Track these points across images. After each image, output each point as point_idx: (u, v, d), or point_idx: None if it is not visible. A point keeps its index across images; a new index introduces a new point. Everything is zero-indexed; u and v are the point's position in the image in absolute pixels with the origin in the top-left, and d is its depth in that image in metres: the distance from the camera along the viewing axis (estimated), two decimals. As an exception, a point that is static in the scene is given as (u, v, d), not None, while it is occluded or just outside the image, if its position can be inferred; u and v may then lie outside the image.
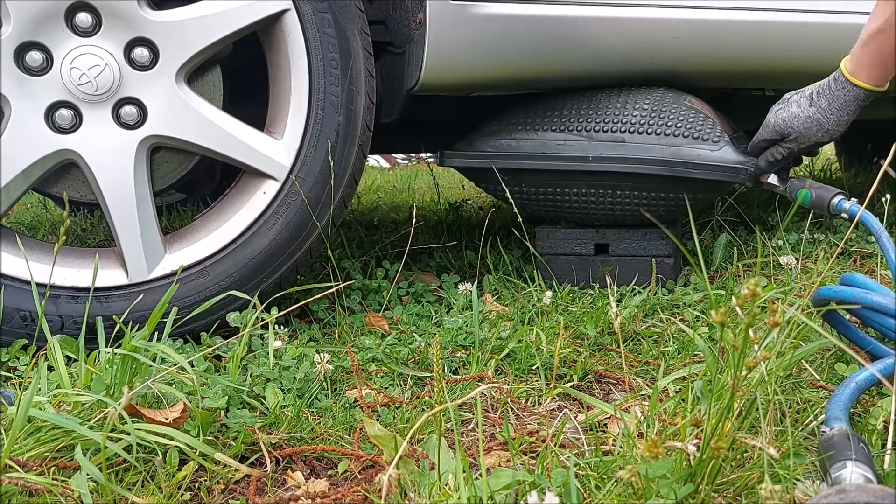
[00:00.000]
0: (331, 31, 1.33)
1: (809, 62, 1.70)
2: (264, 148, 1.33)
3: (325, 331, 1.41)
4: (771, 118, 1.43)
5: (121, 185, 1.27)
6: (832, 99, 1.33)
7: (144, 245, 1.29)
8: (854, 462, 0.74)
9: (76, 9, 1.22)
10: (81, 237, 2.16)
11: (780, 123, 1.41)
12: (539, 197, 1.66)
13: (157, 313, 1.04)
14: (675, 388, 1.08)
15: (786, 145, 1.43)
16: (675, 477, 0.73)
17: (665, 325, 1.36)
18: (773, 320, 0.66)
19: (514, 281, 1.65)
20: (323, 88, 1.34)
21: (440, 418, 0.84)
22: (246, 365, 1.15)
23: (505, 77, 1.56)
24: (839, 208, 1.34)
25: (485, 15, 1.45)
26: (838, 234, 1.92)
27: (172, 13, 1.26)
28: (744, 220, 2.03)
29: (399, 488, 0.81)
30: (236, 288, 1.29)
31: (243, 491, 0.87)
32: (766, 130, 1.44)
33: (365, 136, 1.39)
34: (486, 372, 1.17)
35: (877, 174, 0.96)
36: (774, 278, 1.62)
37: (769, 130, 1.44)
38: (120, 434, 0.87)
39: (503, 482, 0.76)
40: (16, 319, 1.24)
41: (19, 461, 0.80)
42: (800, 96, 1.39)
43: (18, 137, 1.22)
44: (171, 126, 1.28)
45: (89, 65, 1.23)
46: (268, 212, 1.34)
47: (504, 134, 1.66)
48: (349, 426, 1.02)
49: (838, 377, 1.11)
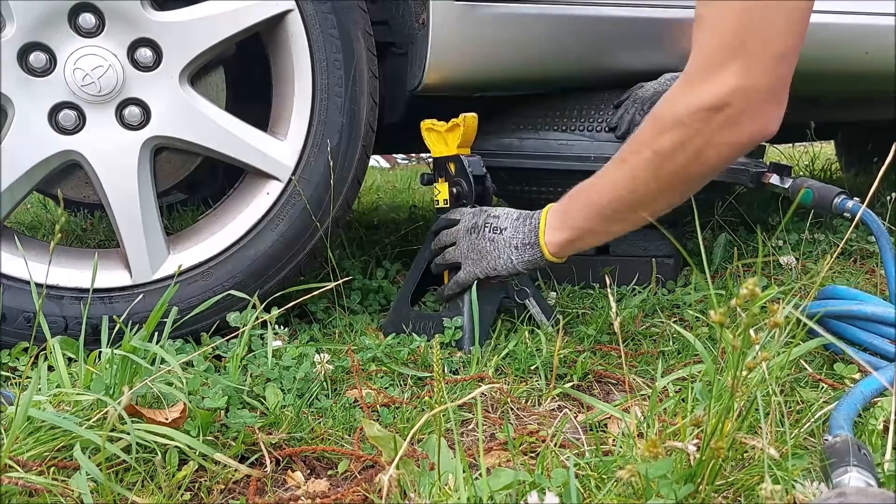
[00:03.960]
0: (334, 32, 1.33)
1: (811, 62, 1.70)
2: (267, 148, 1.33)
3: (325, 331, 1.41)
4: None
5: (124, 185, 1.27)
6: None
7: (148, 246, 1.29)
8: (855, 468, 0.75)
9: (79, 10, 1.22)
10: (82, 237, 2.16)
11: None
12: (541, 196, 1.66)
13: (156, 314, 1.05)
14: (674, 388, 1.08)
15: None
16: (675, 477, 0.74)
17: (665, 325, 1.36)
18: (774, 321, 0.66)
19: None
20: (326, 89, 1.34)
21: (440, 418, 0.85)
22: (246, 365, 1.16)
23: (508, 77, 1.56)
24: (841, 208, 1.34)
25: (488, 15, 1.45)
26: (838, 234, 1.92)
27: (176, 14, 1.27)
28: (744, 220, 2.03)
29: (399, 488, 0.81)
30: (240, 289, 1.29)
31: (243, 491, 0.87)
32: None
33: (368, 137, 1.39)
34: (486, 372, 1.17)
35: (877, 174, 0.96)
36: (774, 278, 1.62)
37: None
38: (120, 434, 0.87)
39: (503, 482, 0.76)
40: (20, 320, 1.25)
41: (19, 461, 0.81)
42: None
43: (22, 138, 1.23)
44: (174, 127, 1.28)
45: (93, 66, 1.23)
46: (271, 213, 1.34)
47: (506, 133, 1.66)
48: (349, 426, 1.02)
49: (837, 376, 1.11)
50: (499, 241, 1.22)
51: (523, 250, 1.20)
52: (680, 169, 1.02)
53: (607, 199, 1.10)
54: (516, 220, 1.22)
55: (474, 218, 1.29)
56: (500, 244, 1.22)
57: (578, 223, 1.15)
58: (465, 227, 1.29)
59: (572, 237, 1.16)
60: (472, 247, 1.26)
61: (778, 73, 0.97)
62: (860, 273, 1.68)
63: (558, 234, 1.16)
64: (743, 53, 0.95)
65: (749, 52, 0.95)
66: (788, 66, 0.98)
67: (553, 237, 1.17)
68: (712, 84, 0.96)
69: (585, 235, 1.16)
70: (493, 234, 1.24)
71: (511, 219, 1.23)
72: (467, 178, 1.35)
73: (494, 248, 1.23)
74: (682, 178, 1.04)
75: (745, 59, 0.95)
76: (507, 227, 1.23)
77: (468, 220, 1.29)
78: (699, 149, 1.00)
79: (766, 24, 0.94)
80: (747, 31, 0.95)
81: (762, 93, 0.96)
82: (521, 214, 1.23)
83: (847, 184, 2.87)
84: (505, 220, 1.24)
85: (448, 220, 1.35)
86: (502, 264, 1.23)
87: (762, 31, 0.95)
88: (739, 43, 0.95)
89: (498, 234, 1.23)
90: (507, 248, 1.22)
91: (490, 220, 1.25)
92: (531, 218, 1.21)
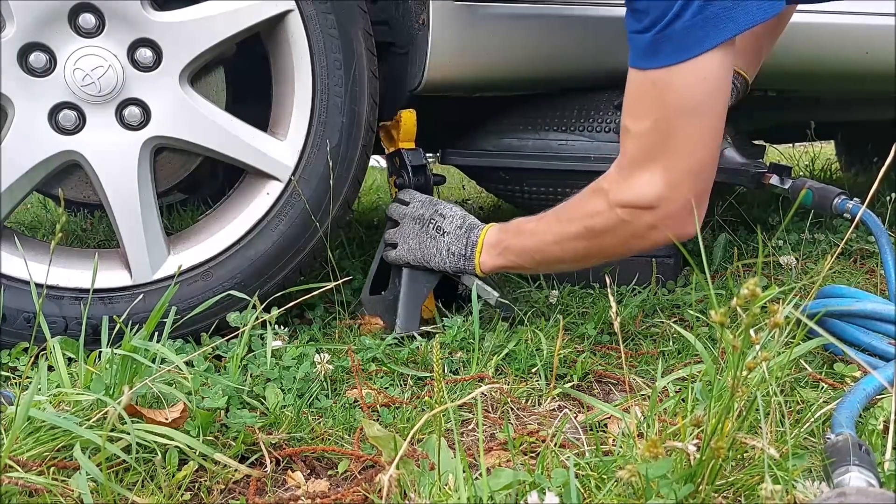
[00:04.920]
0: (334, 32, 1.33)
1: (811, 62, 1.70)
2: (268, 149, 1.33)
3: (325, 331, 1.41)
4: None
5: (124, 186, 1.27)
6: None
7: (148, 246, 1.29)
8: (857, 467, 0.75)
9: (79, 10, 1.22)
10: (81, 237, 2.16)
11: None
12: (541, 196, 1.66)
13: (156, 314, 1.05)
14: (674, 388, 1.08)
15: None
16: (675, 477, 0.74)
17: (665, 325, 1.36)
18: (774, 321, 0.66)
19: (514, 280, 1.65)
20: (326, 89, 1.34)
21: (440, 418, 0.85)
22: (246, 365, 1.16)
23: (508, 77, 1.56)
24: (841, 208, 1.34)
25: (488, 15, 1.45)
26: (838, 234, 1.92)
27: (176, 14, 1.26)
28: (744, 220, 2.03)
29: (399, 488, 0.81)
30: (240, 289, 1.29)
31: (243, 491, 0.87)
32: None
33: (368, 137, 1.39)
34: (486, 372, 1.17)
35: (877, 174, 0.96)
36: (774, 278, 1.62)
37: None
38: (120, 434, 0.87)
39: (503, 482, 0.76)
40: (20, 321, 1.24)
41: (19, 461, 0.81)
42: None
43: (22, 139, 1.23)
44: (174, 127, 1.28)
45: (93, 66, 1.23)
46: (271, 213, 1.34)
47: (506, 133, 1.66)
48: (349, 426, 1.02)
49: (837, 376, 1.11)
50: (439, 242, 1.33)
51: (458, 258, 1.31)
52: (605, 247, 1.16)
53: (541, 249, 1.23)
54: (458, 229, 1.32)
55: (423, 209, 1.37)
56: (439, 244, 1.33)
57: (511, 258, 1.27)
58: (413, 214, 1.38)
59: (504, 265, 1.29)
60: (413, 235, 1.36)
61: (697, 184, 1.08)
62: (860, 273, 1.68)
63: (492, 260, 1.28)
64: (663, 163, 1.06)
65: (668, 164, 1.05)
66: (708, 176, 1.09)
67: (487, 260, 1.29)
68: (642, 183, 1.07)
69: (515, 268, 1.32)
70: (436, 233, 1.33)
71: (454, 226, 1.33)
72: (407, 169, 1.46)
73: (434, 246, 1.33)
74: (605, 253, 1.19)
75: (665, 169, 1.06)
76: (450, 232, 1.32)
77: (417, 208, 1.38)
78: (625, 237, 1.13)
79: (680, 140, 1.04)
80: (664, 145, 1.05)
81: (683, 204, 1.07)
82: (464, 224, 1.33)
83: (847, 184, 2.87)
84: (449, 224, 1.33)
85: (399, 199, 1.44)
86: (436, 262, 1.33)
87: (678, 146, 1.05)
88: (659, 154, 1.06)
89: (440, 235, 1.33)
90: (444, 251, 1.32)
91: (436, 217, 1.35)
92: (472, 232, 1.31)
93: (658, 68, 1.02)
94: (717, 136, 1.07)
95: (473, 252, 1.30)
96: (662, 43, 1.00)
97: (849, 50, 1.69)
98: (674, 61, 1.01)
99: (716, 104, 1.05)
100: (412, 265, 1.37)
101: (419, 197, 1.41)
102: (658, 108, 1.04)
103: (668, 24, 0.99)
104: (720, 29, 0.98)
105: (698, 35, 0.99)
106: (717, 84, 1.04)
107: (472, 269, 1.31)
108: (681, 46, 1.00)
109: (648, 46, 1.02)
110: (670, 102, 1.03)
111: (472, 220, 1.33)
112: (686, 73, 1.01)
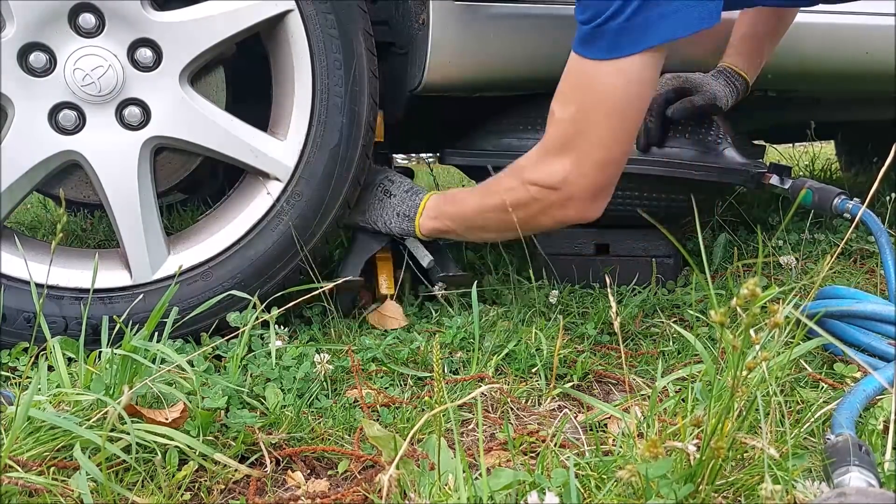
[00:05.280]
0: (334, 32, 1.33)
1: (811, 63, 1.70)
2: (268, 149, 1.33)
3: (324, 331, 1.41)
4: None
5: (124, 186, 1.27)
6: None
7: (148, 246, 1.29)
8: (857, 467, 0.75)
9: (79, 10, 1.22)
10: (81, 237, 2.16)
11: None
12: (540, 197, 1.66)
13: (156, 314, 1.05)
14: (674, 388, 1.08)
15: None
16: (675, 477, 0.74)
17: (665, 325, 1.36)
18: (774, 321, 0.66)
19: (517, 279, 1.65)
20: (326, 89, 1.34)
21: (440, 418, 0.85)
22: (246, 365, 1.16)
23: (508, 77, 1.56)
24: (841, 208, 1.34)
25: (488, 15, 1.45)
26: (838, 233, 1.92)
27: (176, 14, 1.27)
28: (744, 220, 2.03)
29: (399, 488, 0.81)
30: (241, 289, 1.29)
31: (243, 491, 0.87)
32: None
33: (368, 137, 1.39)
34: (486, 372, 1.17)
35: (877, 174, 0.96)
36: (774, 278, 1.62)
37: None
38: (120, 434, 0.87)
39: (503, 482, 0.76)
40: (20, 321, 1.25)
41: (19, 461, 0.81)
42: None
43: (22, 139, 1.23)
44: (174, 127, 1.28)
45: (93, 66, 1.23)
46: (271, 213, 1.34)
47: (506, 133, 1.66)
48: (349, 426, 1.02)
49: (837, 376, 1.11)
50: (385, 203, 1.43)
51: (402, 220, 1.41)
52: (518, 220, 1.25)
53: (467, 216, 1.35)
54: (405, 193, 1.43)
55: (375, 175, 1.49)
56: (385, 206, 1.43)
57: (446, 222, 1.38)
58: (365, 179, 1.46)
59: (439, 228, 1.39)
60: (361, 199, 1.45)
61: (603, 175, 1.18)
62: (860, 273, 1.68)
63: (430, 223, 1.39)
64: (575, 153, 1.16)
65: (579, 154, 1.16)
66: (614, 170, 1.20)
67: (425, 223, 1.39)
68: (553, 167, 1.18)
69: (449, 232, 1.40)
70: (384, 196, 1.44)
71: (401, 190, 1.43)
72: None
73: (381, 208, 1.44)
74: (519, 226, 1.27)
75: (576, 158, 1.16)
76: (396, 194, 1.43)
77: (369, 175, 1.47)
78: (534, 213, 1.24)
79: (594, 133, 1.15)
80: (579, 137, 1.15)
81: (587, 190, 1.18)
82: (410, 189, 1.43)
83: (847, 184, 2.87)
84: (397, 188, 1.44)
85: None
86: (382, 223, 1.44)
87: (591, 138, 1.15)
88: (573, 145, 1.16)
89: (387, 197, 1.43)
90: (391, 212, 1.42)
91: (385, 182, 1.46)
92: (416, 196, 1.42)
93: (590, 59, 1.11)
94: (629, 137, 1.18)
95: (415, 214, 1.40)
96: (598, 38, 1.09)
97: (849, 50, 1.69)
98: (604, 56, 1.09)
99: (633, 107, 1.15)
100: (361, 226, 1.48)
101: (373, 166, 1.50)
102: (581, 99, 1.14)
103: (605, 22, 1.06)
104: (648, 36, 1.07)
105: (630, 37, 1.07)
106: (639, 88, 1.13)
107: (412, 229, 1.40)
108: (612, 45, 1.08)
109: (586, 36, 1.10)
110: (592, 96, 1.13)
111: (417, 187, 1.45)
112: (612, 70, 1.10)
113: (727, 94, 1.50)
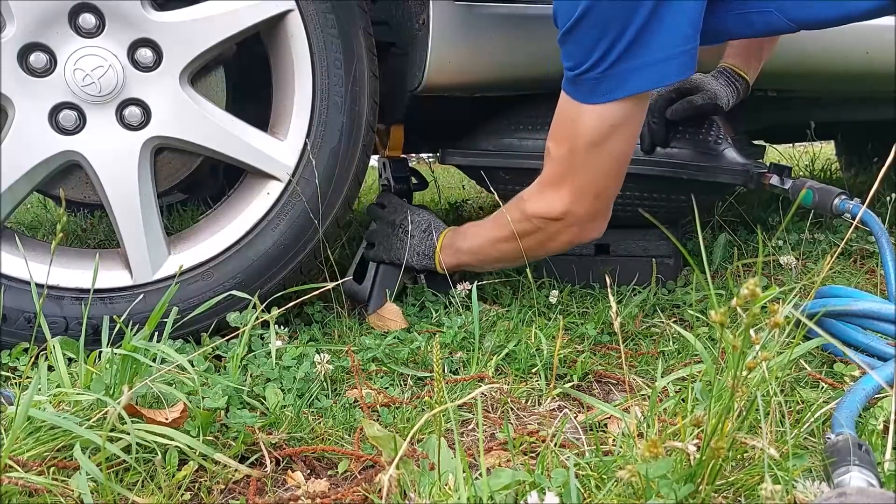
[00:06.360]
0: (334, 32, 1.33)
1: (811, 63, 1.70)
2: (268, 149, 1.33)
3: (325, 331, 1.42)
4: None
5: (125, 186, 1.27)
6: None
7: (149, 246, 1.29)
8: (857, 467, 0.75)
9: (79, 10, 1.22)
10: (82, 237, 2.16)
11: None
12: (541, 197, 1.66)
13: (156, 314, 1.05)
14: (674, 388, 1.08)
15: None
16: (675, 477, 0.74)
17: (665, 325, 1.36)
18: (774, 321, 0.66)
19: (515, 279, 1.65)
20: (327, 89, 1.34)
21: (440, 418, 0.85)
22: (246, 365, 1.16)
23: (508, 78, 1.56)
24: (842, 208, 1.34)
25: (488, 16, 1.45)
26: (838, 234, 1.92)
27: (176, 14, 1.27)
28: (744, 220, 2.03)
29: (399, 488, 0.81)
30: (241, 289, 1.29)
31: (243, 491, 0.87)
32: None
33: (368, 137, 1.39)
34: (486, 372, 1.17)
35: (877, 174, 0.96)
36: (774, 278, 1.62)
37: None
38: (120, 434, 0.87)
39: (503, 482, 0.76)
40: (20, 321, 1.25)
41: (19, 461, 0.81)
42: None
43: (22, 139, 1.23)
44: (174, 127, 1.28)
45: (93, 66, 1.23)
46: (272, 213, 1.34)
47: (506, 133, 1.66)
48: (349, 426, 1.02)
49: (836, 376, 1.11)
50: (406, 243, 1.52)
51: (421, 258, 1.50)
52: (528, 247, 1.36)
53: (483, 249, 1.44)
54: (423, 233, 1.52)
55: (394, 215, 1.56)
56: (406, 246, 1.52)
57: (462, 258, 1.47)
58: (386, 218, 1.57)
59: (458, 264, 1.48)
60: (386, 237, 1.55)
61: (599, 202, 1.29)
62: (860, 273, 1.68)
63: (448, 259, 1.48)
64: (570, 188, 1.25)
65: (573, 189, 1.25)
66: (611, 194, 1.30)
67: (444, 259, 1.49)
68: (552, 201, 1.28)
69: (467, 266, 1.49)
70: (404, 235, 1.52)
71: (420, 230, 1.52)
72: (391, 177, 1.73)
73: (402, 248, 1.52)
74: (530, 253, 1.38)
75: (572, 192, 1.26)
76: (416, 235, 1.51)
77: (390, 213, 1.58)
78: (542, 240, 1.34)
79: (587, 170, 1.24)
80: (572, 174, 1.25)
81: (586, 216, 1.29)
82: (428, 228, 1.52)
83: (847, 184, 2.87)
84: (416, 228, 1.52)
85: (378, 203, 1.64)
86: (405, 262, 1.52)
87: (584, 175, 1.24)
88: (568, 181, 1.25)
89: (407, 238, 1.52)
90: (411, 251, 1.51)
91: (405, 222, 1.54)
92: (432, 235, 1.51)
93: (575, 101, 1.19)
94: (620, 170, 1.26)
95: (434, 253, 1.48)
96: (580, 84, 1.17)
97: (849, 50, 1.69)
98: (587, 101, 1.17)
99: (619, 146, 1.22)
100: (385, 262, 1.55)
101: (394, 202, 1.60)
102: (571, 139, 1.22)
103: (585, 72, 1.15)
104: (624, 87, 1.14)
105: (607, 86, 1.15)
106: (624, 128, 1.20)
107: (433, 267, 1.49)
108: (592, 91, 1.16)
109: (571, 80, 1.19)
110: (581, 135, 1.20)
111: (435, 223, 1.52)
112: (595, 114, 1.18)
113: (728, 94, 1.50)
